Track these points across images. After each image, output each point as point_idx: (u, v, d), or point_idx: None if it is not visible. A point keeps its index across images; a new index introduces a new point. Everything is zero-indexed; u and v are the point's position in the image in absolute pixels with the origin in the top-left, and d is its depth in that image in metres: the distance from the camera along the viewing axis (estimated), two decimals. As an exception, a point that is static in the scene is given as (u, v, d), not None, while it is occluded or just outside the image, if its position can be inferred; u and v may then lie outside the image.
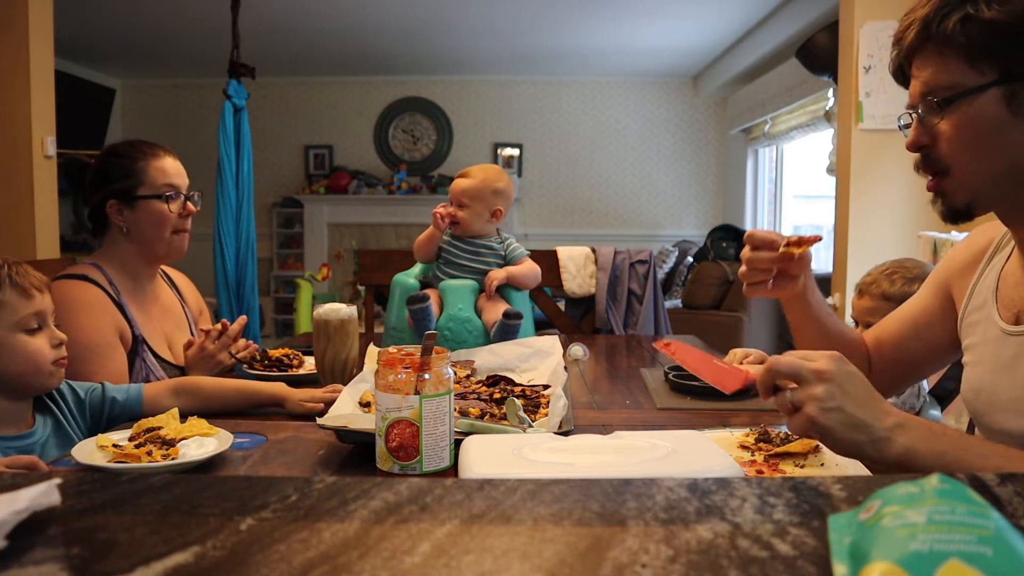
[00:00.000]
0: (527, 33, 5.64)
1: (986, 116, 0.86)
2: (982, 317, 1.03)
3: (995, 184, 0.90)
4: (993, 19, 0.83)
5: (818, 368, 0.81)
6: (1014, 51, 0.83)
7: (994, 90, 0.85)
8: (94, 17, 5.12)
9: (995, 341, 0.99)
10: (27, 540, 0.45)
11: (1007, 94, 0.84)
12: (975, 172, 0.90)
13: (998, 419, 0.98)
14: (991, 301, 1.02)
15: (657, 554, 0.42)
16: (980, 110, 0.86)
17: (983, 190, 0.91)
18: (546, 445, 0.85)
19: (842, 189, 3.66)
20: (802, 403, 0.81)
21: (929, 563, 0.35)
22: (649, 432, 0.96)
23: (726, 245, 4.99)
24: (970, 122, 0.87)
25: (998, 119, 0.85)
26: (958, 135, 0.88)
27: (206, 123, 6.48)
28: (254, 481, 0.57)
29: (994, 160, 0.88)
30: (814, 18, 4.56)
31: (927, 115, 0.91)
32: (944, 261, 1.17)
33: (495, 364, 1.55)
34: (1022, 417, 0.94)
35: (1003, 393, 0.97)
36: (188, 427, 1.08)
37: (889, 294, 1.64)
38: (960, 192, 0.92)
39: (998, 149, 0.87)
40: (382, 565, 0.41)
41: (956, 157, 0.90)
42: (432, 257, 1.87)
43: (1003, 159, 0.87)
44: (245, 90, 3.83)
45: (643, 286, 2.63)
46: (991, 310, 1.01)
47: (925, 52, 0.90)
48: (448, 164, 7.23)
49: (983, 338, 1.02)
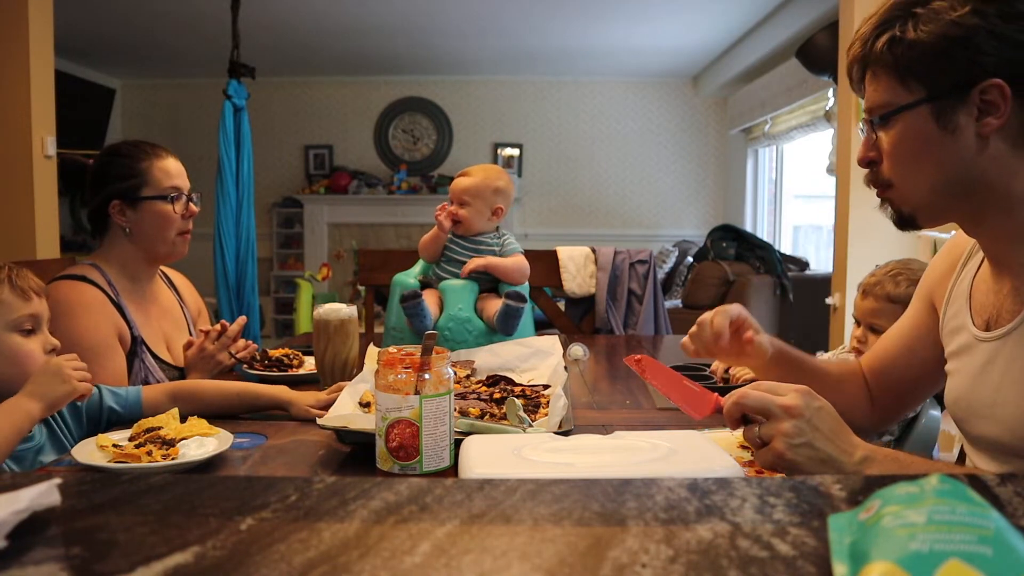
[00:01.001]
0: (527, 33, 5.64)
1: (917, 132, 0.89)
2: (958, 324, 1.03)
3: (936, 197, 0.92)
4: (917, 40, 0.86)
5: (786, 404, 0.83)
6: (938, 70, 0.86)
7: (923, 107, 0.88)
8: (94, 17, 5.12)
9: (969, 348, 0.99)
10: (27, 540, 0.45)
11: (934, 111, 0.87)
12: (913, 186, 0.92)
13: (976, 425, 0.98)
14: (964, 308, 1.02)
15: (657, 554, 0.42)
16: (911, 127, 0.89)
17: (924, 203, 0.93)
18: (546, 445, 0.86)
19: (842, 189, 3.66)
20: (770, 438, 0.82)
21: (929, 563, 0.35)
22: (649, 432, 0.96)
23: (726, 245, 4.98)
24: (903, 138, 0.90)
25: (929, 135, 0.88)
26: (895, 151, 0.92)
27: (206, 123, 6.47)
28: (254, 481, 0.57)
29: (930, 174, 0.90)
30: (814, 18, 4.56)
31: (870, 132, 0.95)
32: (926, 272, 1.16)
33: (495, 364, 1.55)
34: (997, 423, 0.94)
35: (978, 399, 0.97)
36: (188, 427, 1.08)
37: (894, 296, 1.62)
38: (904, 204, 0.95)
39: (932, 164, 0.89)
40: (382, 565, 0.41)
41: (895, 172, 0.93)
42: (437, 257, 1.87)
43: (939, 173, 0.90)
44: (245, 90, 3.83)
45: (643, 286, 2.63)
46: (965, 317, 1.01)
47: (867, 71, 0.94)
48: (448, 164, 7.22)
49: (959, 345, 1.02)
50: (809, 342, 4.52)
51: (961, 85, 0.85)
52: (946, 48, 0.85)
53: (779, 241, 6.34)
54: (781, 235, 6.41)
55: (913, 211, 0.94)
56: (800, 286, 4.68)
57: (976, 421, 0.98)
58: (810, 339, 4.48)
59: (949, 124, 0.87)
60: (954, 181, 0.89)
